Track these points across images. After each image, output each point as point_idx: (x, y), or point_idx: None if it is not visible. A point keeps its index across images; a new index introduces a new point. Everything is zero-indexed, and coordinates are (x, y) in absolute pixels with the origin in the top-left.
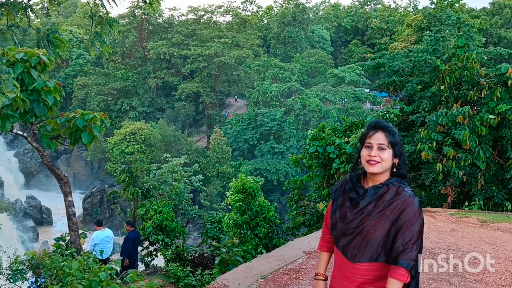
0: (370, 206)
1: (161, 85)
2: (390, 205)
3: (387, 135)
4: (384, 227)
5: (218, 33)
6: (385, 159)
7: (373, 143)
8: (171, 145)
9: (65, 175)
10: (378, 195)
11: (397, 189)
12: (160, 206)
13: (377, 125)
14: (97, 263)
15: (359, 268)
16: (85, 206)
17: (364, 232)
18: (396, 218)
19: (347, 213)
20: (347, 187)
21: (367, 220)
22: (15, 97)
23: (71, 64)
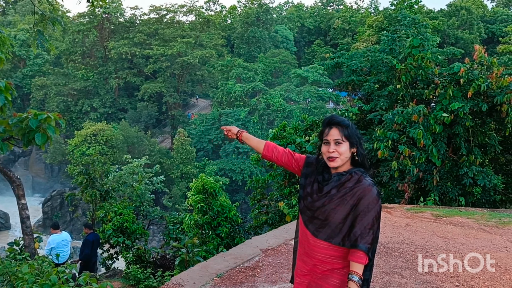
0: (333, 191)
1: (123, 86)
2: (351, 191)
3: (340, 129)
4: (343, 211)
5: (181, 33)
6: (343, 152)
7: (329, 139)
8: (134, 146)
9: (18, 178)
10: (341, 181)
11: (359, 178)
12: (120, 208)
13: (331, 122)
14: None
15: (317, 245)
16: (44, 210)
17: (325, 214)
18: (356, 204)
19: (313, 194)
20: (318, 169)
21: (328, 203)
22: None
23: (29, 64)
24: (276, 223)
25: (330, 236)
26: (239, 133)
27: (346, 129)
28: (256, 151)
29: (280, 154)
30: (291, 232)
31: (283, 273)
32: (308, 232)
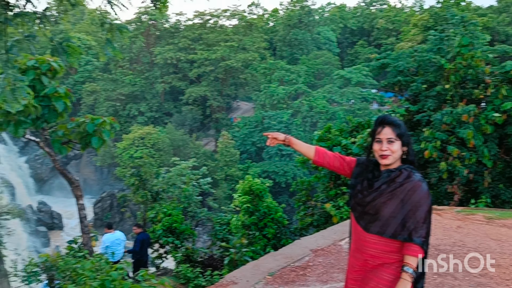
0: (383, 186)
1: (169, 90)
2: (401, 187)
3: (394, 128)
4: (393, 205)
5: (224, 37)
6: (395, 150)
7: (382, 138)
8: (179, 149)
9: (76, 179)
10: (390, 177)
11: (409, 173)
12: (169, 209)
13: (384, 121)
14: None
15: (368, 240)
16: (95, 211)
17: (375, 208)
18: (406, 199)
19: (364, 190)
20: (368, 168)
21: (379, 198)
22: (27, 103)
23: (80, 70)
24: (321, 225)
25: (381, 230)
26: (287, 139)
27: (398, 128)
28: (306, 157)
29: (332, 159)
30: (339, 233)
31: (333, 273)
32: (359, 228)
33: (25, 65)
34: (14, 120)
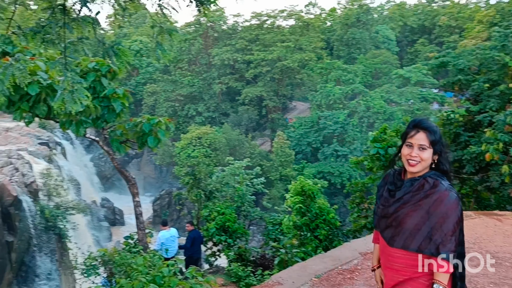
0: (406, 197)
1: (226, 90)
2: (426, 197)
3: (428, 135)
4: (418, 216)
5: (281, 37)
6: (425, 158)
7: (414, 143)
8: (235, 149)
9: (133, 177)
10: (414, 186)
11: (434, 182)
12: (222, 208)
13: (419, 125)
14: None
15: (393, 255)
16: (154, 208)
17: (398, 219)
18: (432, 210)
19: (385, 202)
20: (388, 180)
21: (402, 209)
22: (88, 104)
23: (141, 72)
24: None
25: (405, 243)
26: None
27: (433, 135)
28: None
29: None
30: None
31: None
32: (384, 242)
33: (87, 67)
34: (76, 120)
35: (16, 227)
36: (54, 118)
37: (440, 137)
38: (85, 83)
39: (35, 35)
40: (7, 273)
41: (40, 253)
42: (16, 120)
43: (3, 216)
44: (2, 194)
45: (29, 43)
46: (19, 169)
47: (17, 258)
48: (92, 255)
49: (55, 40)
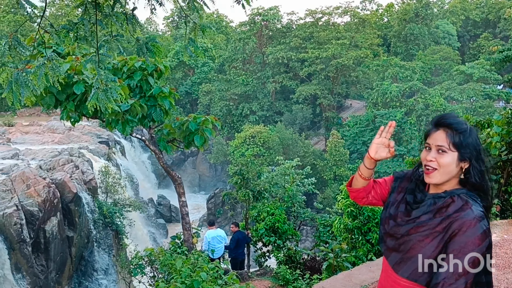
0: (424, 217)
1: (280, 89)
2: (448, 221)
3: (449, 133)
4: (434, 245)
5: (335, 35)
6: (444, 164)
7: (432, 144)
8: (288, 148)
9: (179, 177)
10: (437, 206)
11: (463, 205)
12: (272, 208)
13: (439, 121)
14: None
15: (398, 282)
16: (208, 206)
17: (409, 244)
18: (448, 239)
19: (398, 217)
20: (409, 186)
21: (415, 232)
22: (134, 103)
23: (197, 72)
24: None
25: (413, 275)
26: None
27: (458, 135)
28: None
29: (363, 192)
30: None
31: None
32: (388, 266)
33: (133, 66)
34: (122, 119)
35: (76, 223)
36: (100, 117)
37: (471, 138)
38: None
39: (67, 33)
40: (68, 266)
41: (98, 248)
42: (63, 119)
43: (64, 212)
44: (63, 191)
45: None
46: (79, 167)
47: (77, 252)
48: (139, 255)
49: (88, 38)
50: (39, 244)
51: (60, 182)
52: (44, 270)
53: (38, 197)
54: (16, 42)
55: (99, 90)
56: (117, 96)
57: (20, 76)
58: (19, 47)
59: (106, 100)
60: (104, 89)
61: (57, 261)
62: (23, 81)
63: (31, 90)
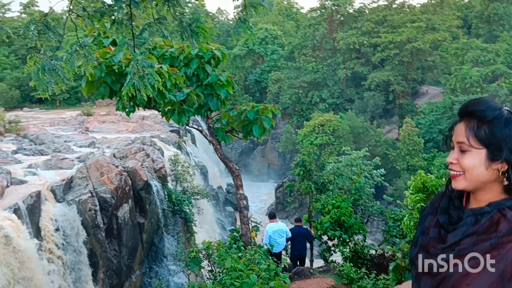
0: (466, 242)
1: (351, 76)
2: (501, 247)
3: (470, 125)
4: (483, 282)
5: (411, 17)
6: (468, 167)
7: (453, 141)
8: (359, 137)
9: (237, 169)
10: (480, 225)
11: None
12: (338, 201)
13: (461, 109)
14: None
15: None
16: (277, 195)
17: (451, 283)
18: (509, 273)
19: (430, 246)
20: (441, 204)
21: (456, 266)
22: (190, 92)
23: (266, 60)
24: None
25: None
26: None
27: (483, 126)
28: None
29: None
30: None
31: None
32: None
33: (190, 54)
34: (178, 109)
35: (146, 210)
36: (155, 107)
37: (502, 129)
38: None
39: (101, 17)
40: (139, 252)
41: (168, 235)
42: (118, 110)
43: (135, 199)
44: (134, 179)
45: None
46: (150, 155)
47: (148, 238)
48: (196, 248)
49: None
50: (112, 230)
51: (132, 170)
52: (116, 255)
53: (111, 185)
54: (45, 27)
55: (135, 77)
56: (154, 83)
57: (48, 63)
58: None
59: (142, 87)
60: (141, 76)
61: (129, 247)
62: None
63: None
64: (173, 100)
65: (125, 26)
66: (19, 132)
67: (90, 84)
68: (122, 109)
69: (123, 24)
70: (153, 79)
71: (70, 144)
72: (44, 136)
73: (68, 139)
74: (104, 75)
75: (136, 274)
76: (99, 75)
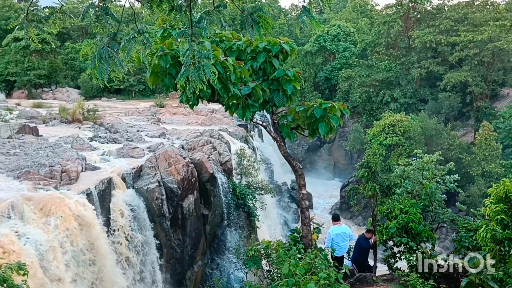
0: None
1: (425, 75)
2: None
3: None
4: None
5: (494, 15)
6: None
7: None
8: (431, 139)
9: (300, 167)
10: None
11: None
12: (406, 206)
13: None
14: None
15: None
16: (341, 195)
17: None
18: None
19: None
20: None
21: None
22: (255, 86)
23: (337, 57)
24: None
25: None
26: None
27: None
28: None
29: None
30: None
31: None
32: None
33: (257, 47)
34: (243, 104)
35: (211, 202)
36: (219, 101)
37: None
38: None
39: (160, 3)
40: (202, 243)
41: (230, 228)
42: (182, 102)
43: (201, 190)
44: (200, 171)
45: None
46: (216, 148)
47: (211, 230)
48: (255, 247)
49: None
50: (177, 220)
51: (198, 162)
52: (180, 244)
53: (178, 175)
54: (104, 12)
55: (191, 67)
56: (210, 75)
57: (104, 50)
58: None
59: (197, 79)
60: (197, 66)
61: (192, 237)
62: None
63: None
64: (237, 94)
65: (184, 14)
66: (96, 120)
67: (155, 75)
68: (185, 101)
69: (182, 11)
70: (209, 71)
71: (142, 134)
72: (118, 125)
73: (141, 129)
74: (169, 66)
75: (198, 264)
76: (164, 66)
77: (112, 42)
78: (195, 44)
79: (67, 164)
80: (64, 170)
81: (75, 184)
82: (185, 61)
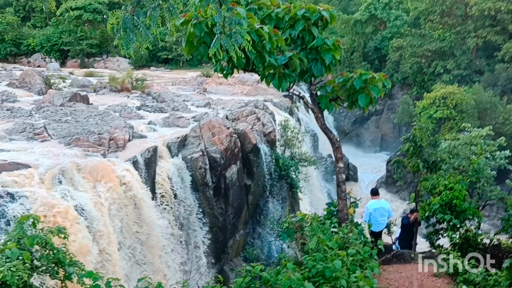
0: None
1: (482, 45)
2: None
3: None
4: None
5: None
6: None
7: None
8: (485, 113)
9: (338, 140)
10: None
11: None
12: (451, 182)
13: None
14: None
15: None
16: (388, 168)
17: None
18: None
19: None
20: None
21: None
22: (293, 55)
23: (389, 26)
24: None
25: None
26: None
27: None
28: None
29: None
30: None
31: None
32: None
33: (295, 14)
34: (280, 73)
35: (253, 173)
36: (254, 70)
37: None
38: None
39: None
40: (244, 212)
41: (273, 199)
42: (216, 71)
43: (243, 161)
44: (243, 141)
45: None
46: (260, 119)
47: (253, 201)
48: (289, 220)
49: None
50: (220, 189)
51: (242, 132)
52: (223, 213)
53: (221, 145)
54: None
55: (222, 36)
56: (242, 42)
57: (129, 20)
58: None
59: (230, 46)
60: (228, 34)
61: (235, 206)
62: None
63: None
64: (273, 63)
65: None
66: (143, 89)
67: (190, 44)
68: (220, 71)
69: None
70: (241, 38)
71: (188, 103)
72: (165, 94)
73: (187, 99)
74: (203, 35)
75: (240, 233)
76: (199, 35)
77: (136, 10)
78: (225, 11)
79: (115, 132)
80: (112, 138)
81: (122, 151)
82: (217, 28)
